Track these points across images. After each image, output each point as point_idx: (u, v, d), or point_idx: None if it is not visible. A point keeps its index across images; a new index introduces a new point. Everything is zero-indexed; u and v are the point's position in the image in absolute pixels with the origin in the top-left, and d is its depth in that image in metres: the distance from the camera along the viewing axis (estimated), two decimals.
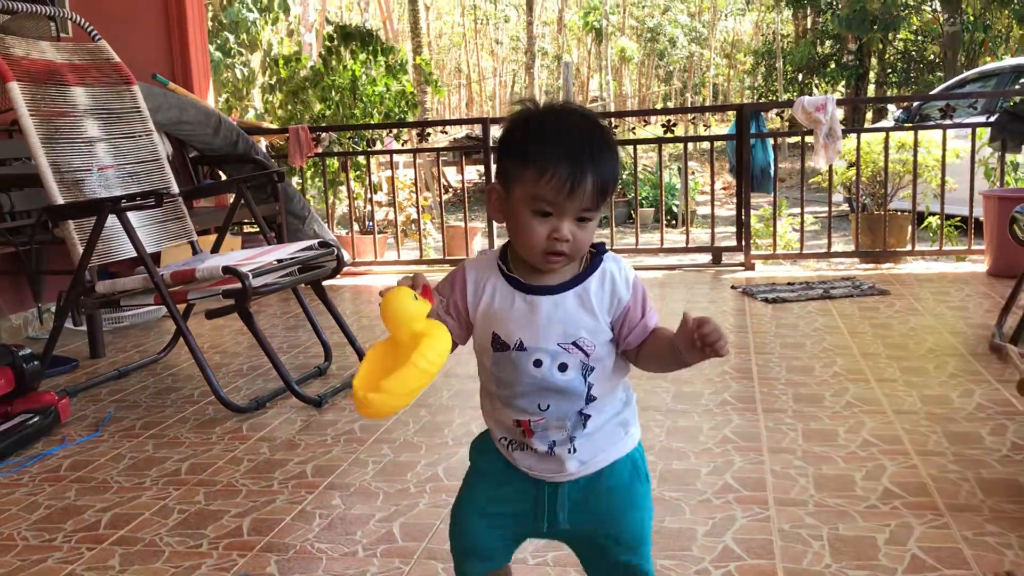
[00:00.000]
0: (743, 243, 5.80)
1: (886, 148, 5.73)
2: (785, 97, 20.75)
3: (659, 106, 25.91)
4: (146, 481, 2.65)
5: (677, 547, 2.07)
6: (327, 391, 3.40)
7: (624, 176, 10.06)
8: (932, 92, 10.15)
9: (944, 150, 5.58)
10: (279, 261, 3.49)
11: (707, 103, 25.03)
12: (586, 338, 1.34)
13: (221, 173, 6.06)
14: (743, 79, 26.73)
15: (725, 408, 3.04)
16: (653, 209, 12.52)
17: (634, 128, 11.90)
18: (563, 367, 1.33)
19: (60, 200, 3.31)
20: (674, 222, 12.19)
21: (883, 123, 8.80)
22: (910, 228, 5.85)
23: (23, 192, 4.31)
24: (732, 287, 5.22)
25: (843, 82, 20.75)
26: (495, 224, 5.28)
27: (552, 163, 1.24)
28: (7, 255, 4.36)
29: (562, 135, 1.27)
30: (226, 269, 3.17)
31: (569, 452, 1.37)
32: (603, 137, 1.29)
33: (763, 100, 22.25)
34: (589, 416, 1.37)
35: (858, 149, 5.72)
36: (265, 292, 3.35)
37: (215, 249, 4.04)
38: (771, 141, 5.90)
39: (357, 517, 2.32)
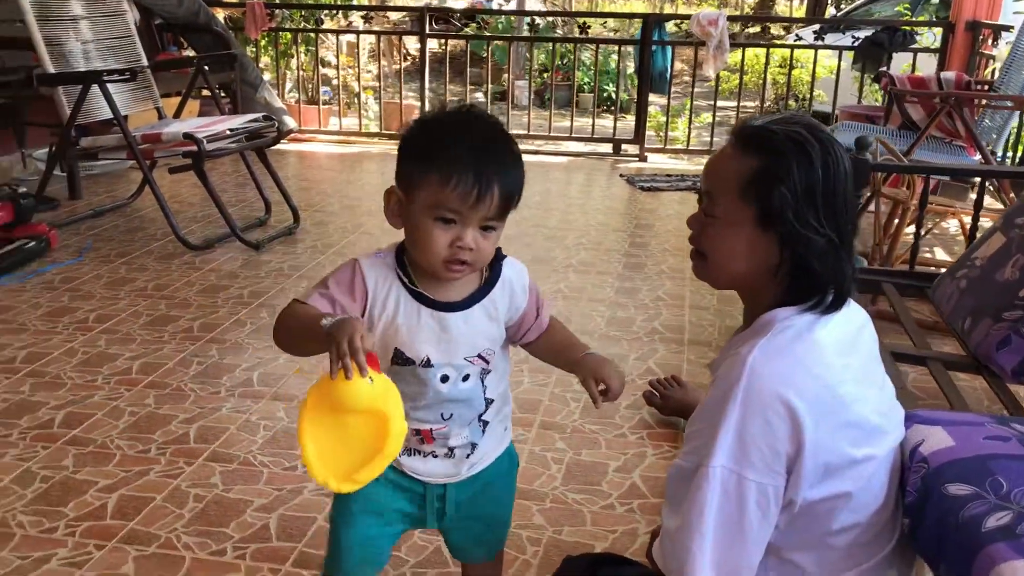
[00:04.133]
0: (639, 136, 6.66)
1: (766, 62, 6.57)
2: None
3: None
4: (121, 293, 3.54)
5: None
6: (264, 238, 4.27)
7: (565, 63, 10.74)
8: (847, 10, 10.89)
9: (815, 67, 6.45)
10: (231, 130, 4.29)
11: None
12: (489, 348, 1.36)
13: (183, 40, 6.72)
14: None
15: (567, 270, 3.98)
16: (592, 95, 13.19)
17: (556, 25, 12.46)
18: (466, 378, 1.35)
19: (52, 69, 4.07)
20: (613, 108, 12.92)
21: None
22: None
23: (9, 52, 5.00)
24: (620, 175, 6.11)
25: None
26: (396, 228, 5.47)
27: (458, 170, 1.20)
28: None
29: (468, 140, 1.23)
30: (186, 135, 3.97)
31: (467, 456, 1.40)
32: (509, 146, 1.27)
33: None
34: (487, 422, 1.41)
35: (742, 61, 6.56)
36: (217, 155, 4.17)
37: (177, 114, 4.82)
38: (670, 48, 6.65)
39: None
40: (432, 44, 9.78)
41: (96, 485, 2.18)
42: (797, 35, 7.26)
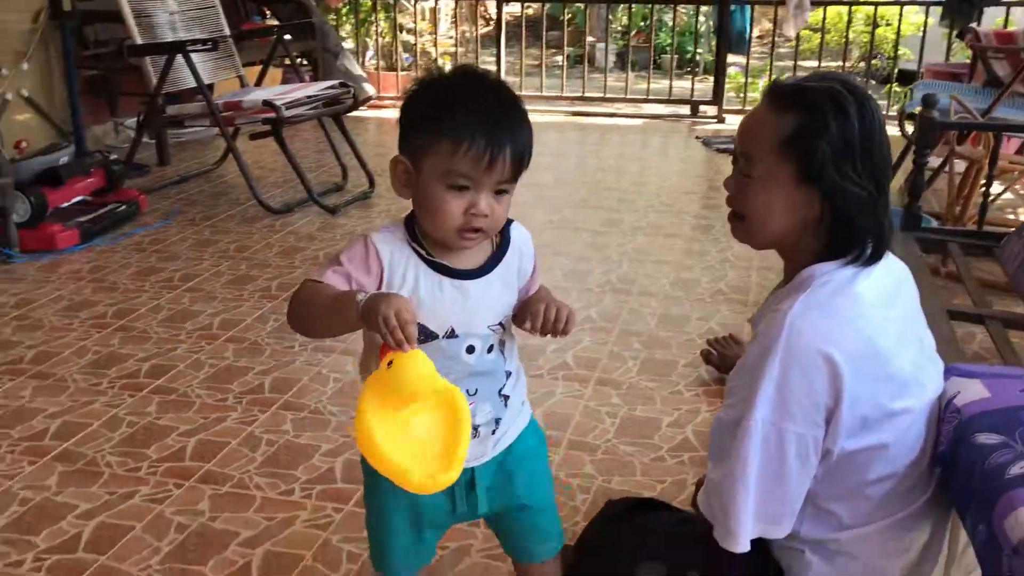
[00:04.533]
0: (717, 98, 6.59)
1: (848, 20, 6.41)
2: None
3: None
4: (204, 254, 3.72)
5: None
6: (341, 203, 4.40)
7: (642, 24, 10.62)
8: None
9: (900, 24, 6.26)
10: (309, 97, 4.42)
11: None
12: (507, 315, 1.33)
13: (266, 9, 6.90)
14: None
15: (635, 232, 4.01)
16: (676, 57, 13.00)
17: None
18: (490, 348, 1.31)
19: (140, 40, 4.25)
20: (697, 69, 12.73)
21: None
22: None
23: (102, 25, 5.23)
24: (697, 137, 6.07)
25: None
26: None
27: (469, 133, 1.16)
28: (89, 77, 5.32)
29: (476, 103, 1.19)
30: (265, 102, 4.12)
31: (493, 433, 1.35)
32: (516, 105, 1.23)
33: None
34: (508, 396, 1.36)
35: (823, 20, 6.42)
36: (296, 122, 4.31)
37: (258, 82, 4.98)
38: (749, 8, 6.55)
39: None
40: (513, 8, 9.79)
41: (177, 430, 2.33)
42: None
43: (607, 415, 2.41)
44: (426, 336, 1.25)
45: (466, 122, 1.17)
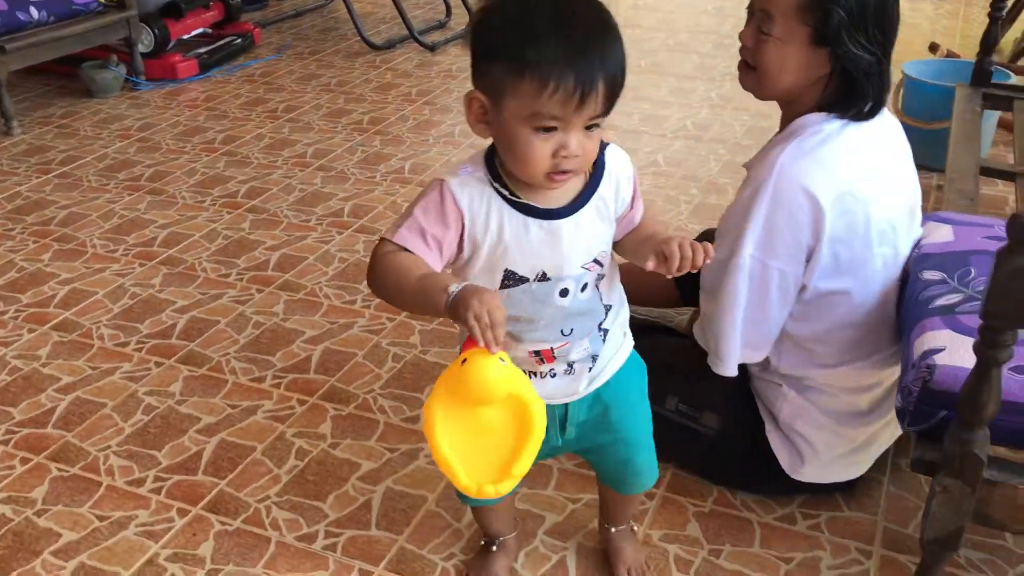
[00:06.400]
0: None
1: None
2: None
3: None
4: (308, 87, 3.98)
5: None
6: (441, 40, 4.56)
7: None
8: None
9: None
10: None
11: None
12: (603, 250, 1.22)
13: None
14: None
15: (724, 79, 4.04)
16: None
17: None
18: (584, 287, 1.21)
19: None
20: None
21: None
22: None
23: None
24: None
25: None
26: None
27: (556, 70, 1.02)
28: None
29: (560, 29, 1.03)
30: None
31: (589, 370, 1.28)
32: (607, 24, 1.07)
33: None
34: (608, 330, 1.27)
35: None
36: None
37: None
38: None
39: (436, 123, 3.59)
40: None
41: (264, 244, 2.65)
42: None
43: (684, 203, 2.56)
44: (515, 281, 1.18)
45: (551, 57, 1.02)
